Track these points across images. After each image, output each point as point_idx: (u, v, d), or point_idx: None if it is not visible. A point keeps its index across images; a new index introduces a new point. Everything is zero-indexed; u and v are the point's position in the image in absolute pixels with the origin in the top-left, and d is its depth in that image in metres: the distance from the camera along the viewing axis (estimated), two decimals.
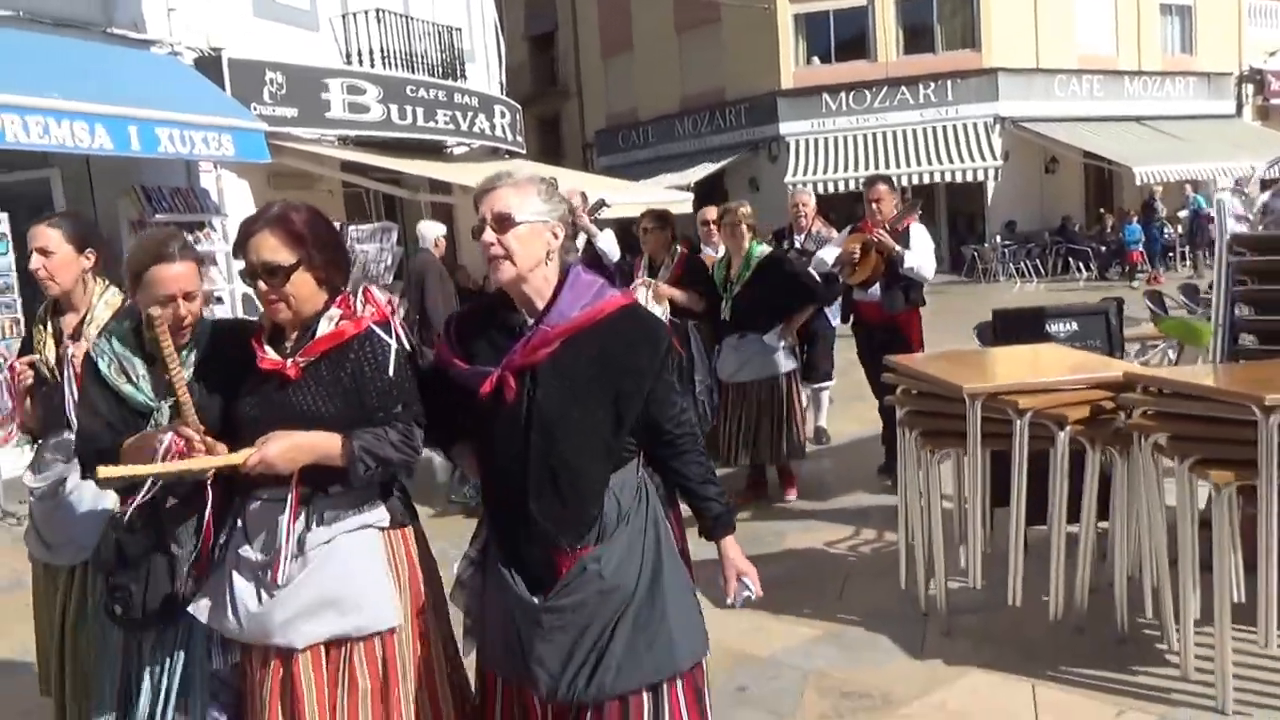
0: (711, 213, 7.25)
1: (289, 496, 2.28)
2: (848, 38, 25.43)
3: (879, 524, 5.69)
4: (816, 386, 7.60)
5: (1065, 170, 26.30)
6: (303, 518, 2.31)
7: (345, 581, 2.30)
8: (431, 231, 8.50)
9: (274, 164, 10.19)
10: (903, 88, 24.72)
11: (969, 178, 23.63)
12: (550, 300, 2.28)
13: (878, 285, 6.21)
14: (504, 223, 2.23)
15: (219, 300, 9.61)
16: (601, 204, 6.92)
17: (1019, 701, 3.64)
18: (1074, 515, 4.06)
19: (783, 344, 6.09)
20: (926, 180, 23.63)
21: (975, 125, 24.27)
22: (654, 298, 5.89)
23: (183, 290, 2.55)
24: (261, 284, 2.29)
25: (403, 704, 2.33)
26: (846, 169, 23.66)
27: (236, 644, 2.38)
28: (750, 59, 25.42)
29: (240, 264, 2.34)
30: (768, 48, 25.21)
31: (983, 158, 23.61)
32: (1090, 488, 3.98)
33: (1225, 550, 3.40)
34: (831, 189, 23.38)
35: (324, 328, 2.32)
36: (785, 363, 6.11)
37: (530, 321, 2.28)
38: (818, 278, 6.41)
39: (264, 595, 2.28)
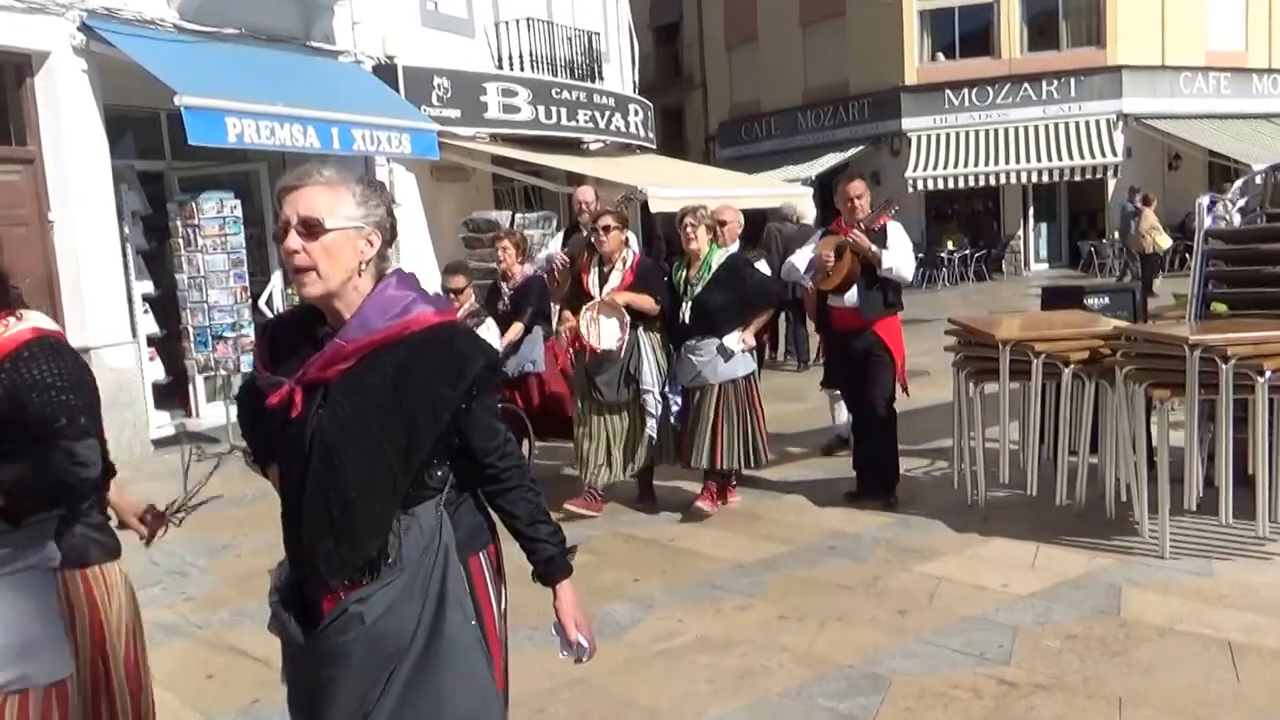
0: (726, 213, 7.02)
1: None
2: (972, 34, 25.71)
3: (937, 456, 6.93)
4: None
5: (1189, 167, 26.20)
6: None
7: (4, 630, 2.16)
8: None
9: (437, 159, 11.80)
10: (1026, 84, 24.96)
11: (1090, 175, 23.89)
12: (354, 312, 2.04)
13: (855, 290, 5.89)
14: (312, 229, 1.98)
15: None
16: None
17: (1025, 554, 5.02)
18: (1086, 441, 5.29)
19: (741, 347, 5.92)
20: (1047, 178, 24.08)
21: (1098, 122, 24.36)
22: (609, 308, 5.87)
23: None
24: None
25: None
26: (968, 164, 24.07)
27: None
28: (874, 54, 25.88)
29: None
30: (892, 43, 25.69)
31: (1104, 154, 23.73)
32: (1086, 409, 5.18)
33: (1164, 443, 4.60)
34: (953, 184, 24.02)
35: None
36: (744, 366, 5.95)
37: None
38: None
39: None
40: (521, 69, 14.13)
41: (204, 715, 3.89)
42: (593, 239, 6.06)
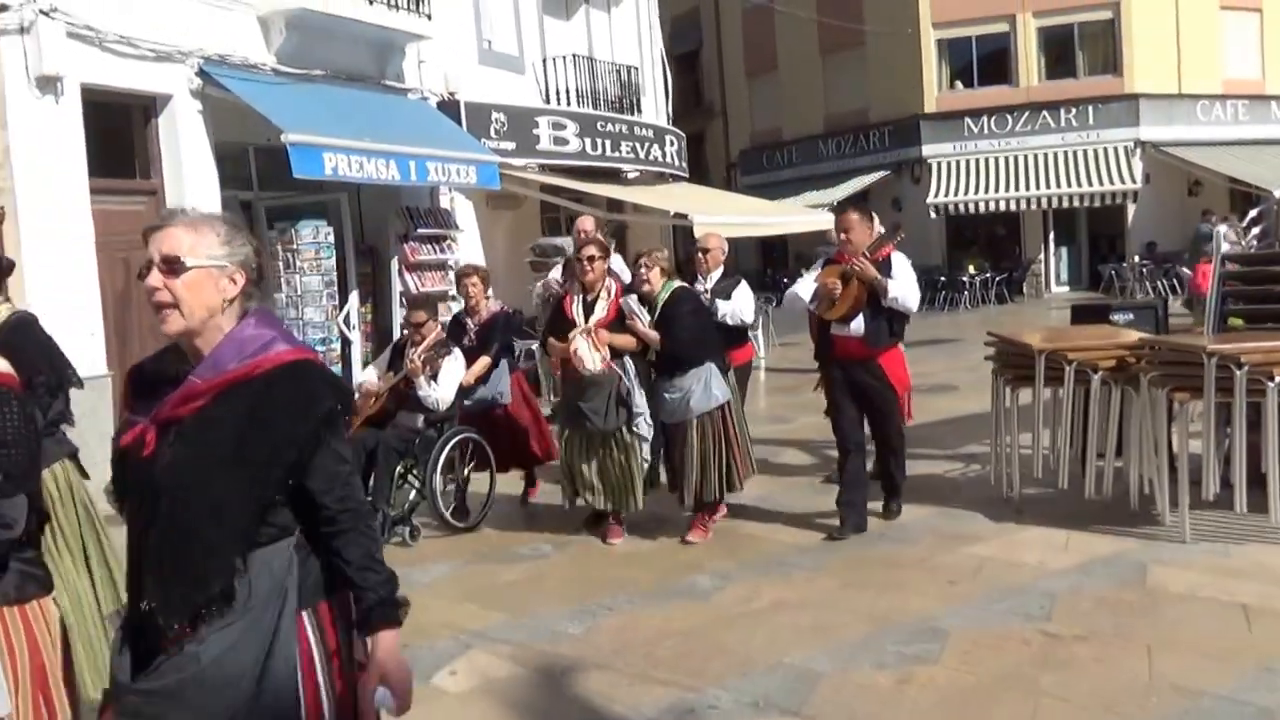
0: (710, 240, 7.07)
1: None
2: (990, 63, 26.28)
3: (973, 459, 7.63)
4: None
5: (1209, 193, 26.52)
6: None
7: None
8: None
9: (498, 188, 12.61)
10: (1044, 112, 25.50)
11: (1108, 201, 24.46)
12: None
13: (860, 320, 5.85)
14: (173, 266, 2.01)
15: (452, 298, 12.01)
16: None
17: (1058, 538, 5.68)
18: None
19: (715, 375, 5.91)
20: (1066, 203, 24.71)
21: (1116, 149, 24.80)
22: (594, 344, 5.91)
23: None
24: None
25: None
26: (988, 190, 24.64)
27: None
28: (894, 83, 26.44)
29: None
30: (911, 72, 26.26)
31: (1123, 180, 24.23)
32: (1113, 413, 5.87)
33: (1184, 446, 5.28)
34: (973, 209, 24.66)
35: None
36: (720, 395, 5.92)
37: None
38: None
39: None
40: (567, 103, 14.94)
41: None
42: (577, 269, 6.15)
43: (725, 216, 13.89)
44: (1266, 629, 4.31)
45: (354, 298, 10.87)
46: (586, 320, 5.98)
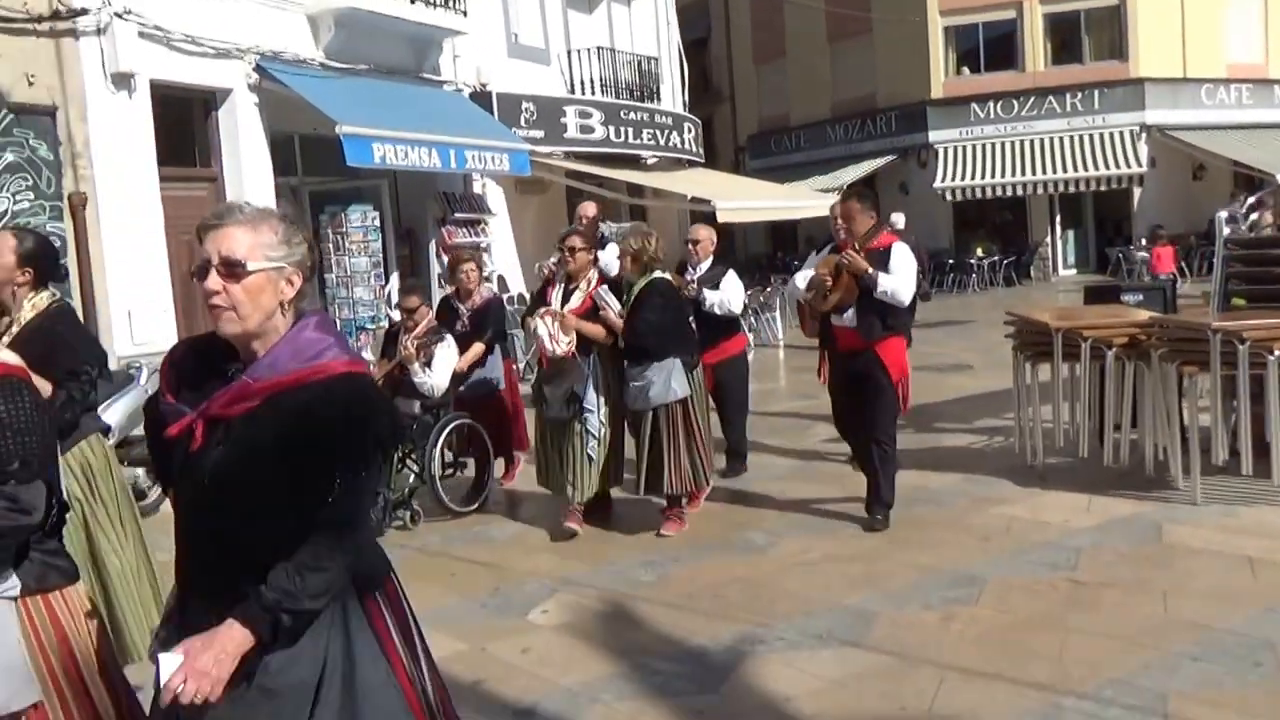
0: (699, 231, 7.36)
1: None
2: (997, 49, 26.57)
3: (996, 431, 8.13)
4: None
5: (1214, 176, 26.89)
6: None
7: None
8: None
9: (529, 175, 13.11)
10: (1050, 97, 25.80)
11: (1115, 184, 24.83)
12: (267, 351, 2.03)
13: (851, 311, 5.79)
14: (233, 269, 1.97)
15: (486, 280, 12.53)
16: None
17: (1080, 501, 6.20)
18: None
19: (678, 370, 5.89)
20: (1073, 188, 25.11)
21: (1121, 133, 25.15)
22: (561, 328, 5.99)
23: None
24: None
25: None
26: (995, 175, 25.00)
27: None
28: (901, 69, 26.75)
29: None
30: (918, 59, 26.57)
31: (1128, 164, 24.54)
32: (1127, 386, 6.37)
33: (1194, 418, 5.80)
34: (980, 194, 25.07)
35: None
36: (679, 389, 5.89)
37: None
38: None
39: None
40: (590, 93, 15.42)
41: (460, 595, 5.13)
42: (557, 257, 6.24)
43: (745, 201, 14.37)
44: (1269, 577, 4.82)
45: (395, 279, 11.38)
46: (562, 307, 6.08)
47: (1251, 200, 7.00)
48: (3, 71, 7.85)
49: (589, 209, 7.94)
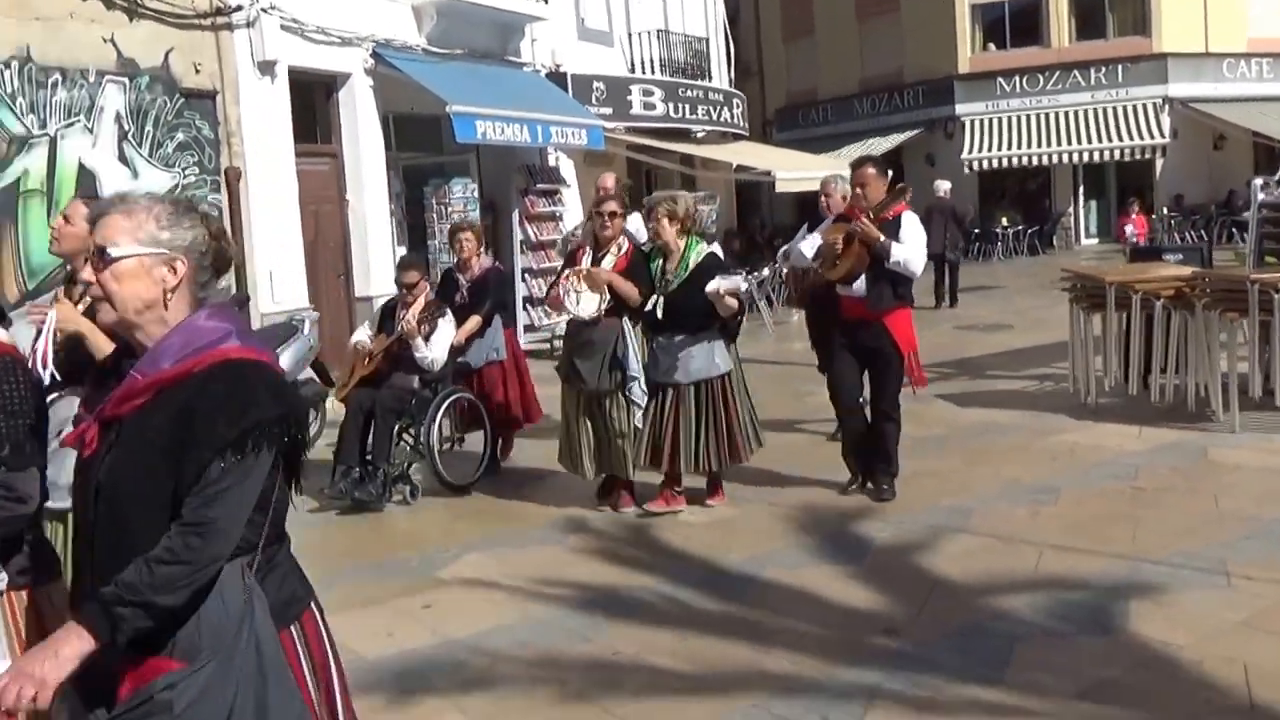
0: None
1: None
2: (1022, 25, 27.14)
3: (1046, 378, 9.16)
4: None
5: (1234, 147, 27.33)
6: None
7: None
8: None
9: (602, 149, 14.10)
10: (1075, 71, 26.40)
11: (1137, 155, 25.52)
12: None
13: (861, 281, 5.72)
14: (103, 256, 1.87)
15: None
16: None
17: (1131, 431, 7.24)
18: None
19: (720, 344, 5.74)
20: (1096, 158, 25.91)
21: (1144, 106, 25.74)
22: (591, 285, 5.78)
23: None
24: None
25: None
26: (1020, 146, 25.74)
27: None
28: (928, 45, 27.33)
29: None
30: (945, 34, 27.18)
31: (1151, 136, 25.19)
32: (1173, 334, 7.37)
33: (1233, 361, 6.86)
34: (1005, 164, 25.84)
35: None
36: (722, 364, 5.74)
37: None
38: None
39: None
40: (650, 72, 16.39)
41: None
42: (595, 223, 6.03)
43: (801, 171, 15.39)
44: None
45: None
46: None
47: None
48: (176, 61, 8.91)
49: (608, 180, 7.88)
